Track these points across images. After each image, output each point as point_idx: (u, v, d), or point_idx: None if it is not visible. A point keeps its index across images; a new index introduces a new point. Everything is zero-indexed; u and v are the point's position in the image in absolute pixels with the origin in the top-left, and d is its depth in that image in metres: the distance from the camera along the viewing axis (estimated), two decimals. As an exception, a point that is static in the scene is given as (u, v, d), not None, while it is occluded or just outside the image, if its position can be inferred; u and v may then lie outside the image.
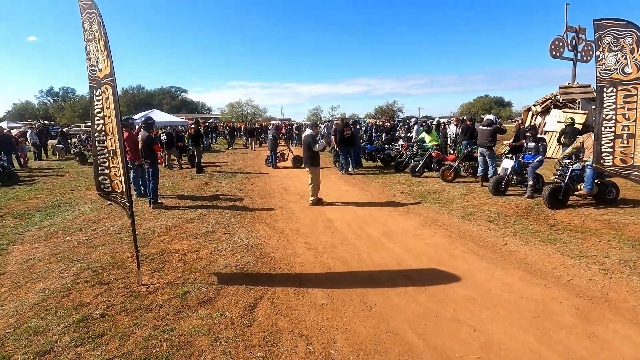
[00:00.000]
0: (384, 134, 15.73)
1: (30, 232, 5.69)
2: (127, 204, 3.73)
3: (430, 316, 3.17)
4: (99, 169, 3.99)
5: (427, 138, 11.14)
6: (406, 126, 19.06)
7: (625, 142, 4.92)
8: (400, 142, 13.38)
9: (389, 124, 19.97)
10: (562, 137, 10.54)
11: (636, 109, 4.78)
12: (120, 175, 3.75)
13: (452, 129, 13.37)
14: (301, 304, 3.41)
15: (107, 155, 3.88)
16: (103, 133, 3.85)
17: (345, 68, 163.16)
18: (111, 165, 3.86)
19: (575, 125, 11.11)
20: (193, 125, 13.36)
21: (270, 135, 13.41)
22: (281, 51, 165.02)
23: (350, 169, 11.25)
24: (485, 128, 8.56)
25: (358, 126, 14.78)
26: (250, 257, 4.54)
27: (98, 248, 4.90)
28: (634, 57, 4.69)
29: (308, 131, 7.62)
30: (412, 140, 12.70)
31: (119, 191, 3.84)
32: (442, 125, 15.34)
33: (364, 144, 13.64)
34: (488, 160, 8.54)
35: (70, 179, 11.12)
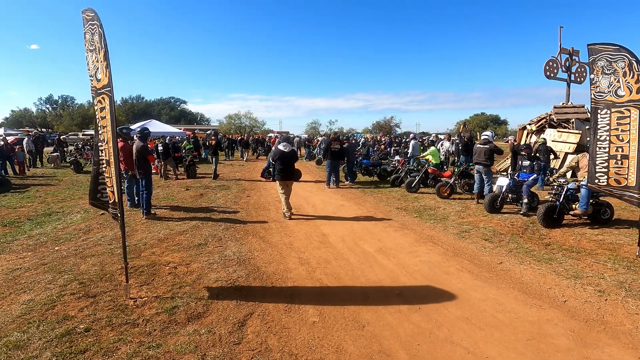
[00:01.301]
0: (391, 148, 16.20)
1: (18, 241, 5.58)
2: (119, 214, 3.68)
3: (423, 336, 3.10)
4: (99, 178, 3.99)
5: (430, 155, 11.16)
6: (403, 143, 19.29)
7: (619, 162, 4.96)
8: (397, 157, 13.43)
9: (384, 140, 20.19)
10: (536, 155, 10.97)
11: (629, 130, 4.83)
12: (113, 185, 3.71)
13: (446, 145, 13.47)
14: (292, 321, 3.33)
15: (104, 164, 3.86)
16: (102, 142, 3.85)
17: (344, 83, 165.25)
18: (107, 175, 3.84)
19: (549, 144, 11.87)
20: (213, 137, 14.11)
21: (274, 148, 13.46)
22: (281, 65, 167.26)
23: (333, 184, 11.23)
24: (482, 146, 8.61)
25: (353, 141, 14.88)
26: (242, 272, 4.46)
27: (87, 259, 4.81)
28: (626, 80, 4.77)
29: (288, 146, 7.27)
30: (408, 156, 12.76)
31: (111, 201, 3.80)
32: (438, 142, 15.49)
33: (360, 158, 13.68)
34: (484, 177, 8.56)
35: (64, 187, 11.01)
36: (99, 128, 3.88)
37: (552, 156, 11.48)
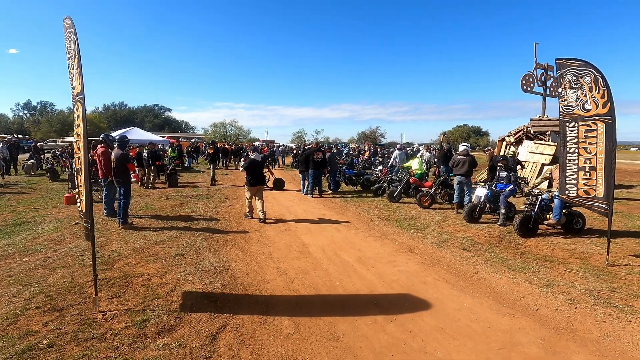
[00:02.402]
0: (375, 158, 16.58)
1: (-16, 252, 5.34)
2: (88, 225, 3.58)
3: (397, 347, 3.09)
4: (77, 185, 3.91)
5: (414, 165, 11.31)
6: (386, 153, 19.58)
7: (588, 174, 5.14)
8: (380, 167, 13.57)
9: (368, 151, 20.47)
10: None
11: (596, 143, 5.03)
12: (84, 195, 3.62)
13: (426, 156, 13.72)
14: (266, 334, 3.28)
15: (76, 173, 3.78)
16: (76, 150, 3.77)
17: (331, 93, 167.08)
18: (78, 184, 3.75)
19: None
20: (211, 146, 15.42)
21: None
22: (267, 74, 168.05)
23: (314, 193, 11.24)
24: (463, 157, 8.78)
25: (335, 150, 15.03)
26: (218, 283, 4.38)
27: (56, 271, 4.63)
28: (592, 95, 4.98)
29: (259, 155, 8.12)
30: (390, 165, 12.91)
31: (84, 211, 3.70)
32: (420, 152, 15.75)
33: (344, 168, 13.76)
34: (465, 188, 8.72)
35: (38, 195, 10.64)
36: (76, 136, 3.81)
37: (518, 166, 11.92)
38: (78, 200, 3.96)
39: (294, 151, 24.59)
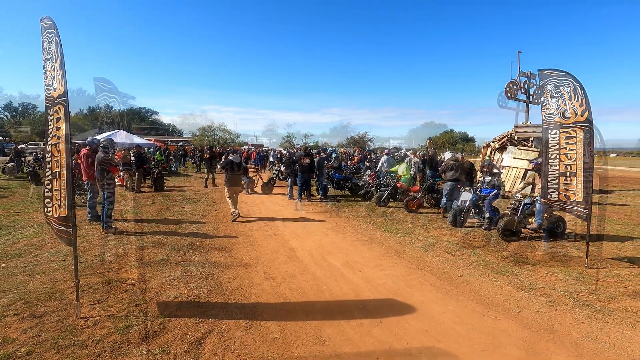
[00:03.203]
0: (363, 163, 16.86)
1: (-40, 258, 5.17)
2: (70, 229, 3.50)
3: (383, 350, 3.12)
4: (45, 191, 3.79)
5: (401, 170, 11.41)
6: (375, 158, 19.74)
7: (568, 179, 5.30)
8: (368, 172, 13.67)
9: (357, 156, 20.62)
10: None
11: (576, 149, 5.20)
12: (60, 199, 3.54)
13: (414, 161, 13.89)
14: (252, 339, 3.26)
15: (51, 177, 3.68)
16: (50, 154, 3.67)
17: (321, 97, 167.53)
18: (54, 188, 3.66)
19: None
20: (208, 151, 16.23)
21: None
22: (258, 78, 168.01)
23: (303, 198, 11.24)
24: (454, 162, 8.94)
25: (324, 155, 15.11)
26: (204, 288, 4.34)
27: (36, 276, 4.51)
28: (572, 103, 5.16)
29: (237, 157, 8.58)
30: (377, 170, 13.02)
31: (56, 216, 3.61)
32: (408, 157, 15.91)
33: (332, 172, 13.80)
34: (454, 192, 8.85)
35: (18, 199, 10.34)
36: (52, 139, 3.72)
37: (494, 170, 12.26)
38: (49, 205, 3.81)
39: (280, 156, 24.55)
